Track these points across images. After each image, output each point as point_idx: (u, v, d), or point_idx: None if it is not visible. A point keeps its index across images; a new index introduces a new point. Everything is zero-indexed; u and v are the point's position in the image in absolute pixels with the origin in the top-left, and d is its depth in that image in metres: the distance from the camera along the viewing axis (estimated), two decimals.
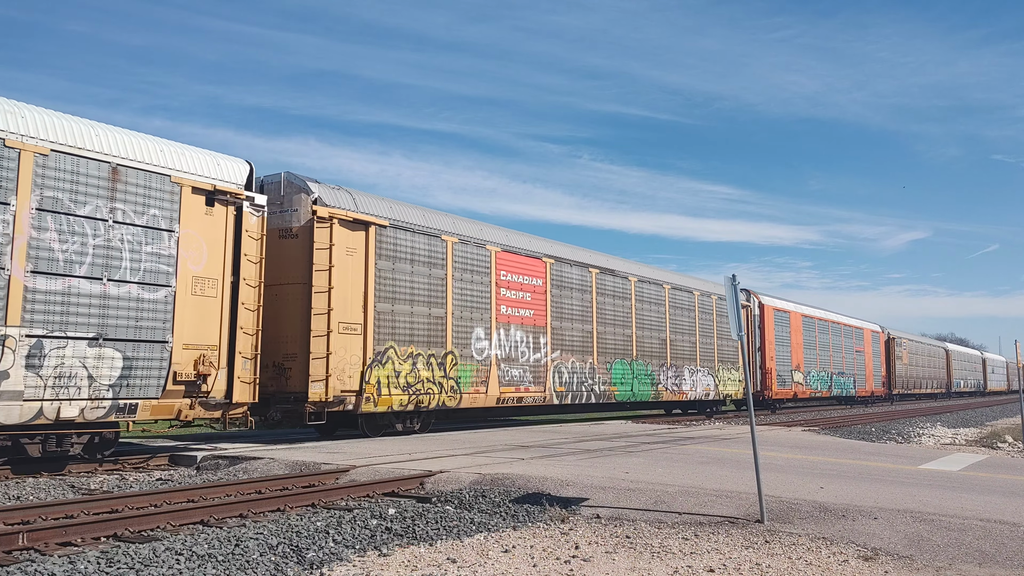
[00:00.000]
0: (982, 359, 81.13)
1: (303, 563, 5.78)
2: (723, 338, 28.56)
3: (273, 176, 14.55)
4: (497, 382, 17.43)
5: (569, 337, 20.02)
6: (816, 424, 22.98)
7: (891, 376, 47.86)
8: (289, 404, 13.55)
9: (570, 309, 20.20)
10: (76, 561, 5.61)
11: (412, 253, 15.74)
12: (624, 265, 23.25)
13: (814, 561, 6.07)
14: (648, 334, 23.56)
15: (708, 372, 26.87)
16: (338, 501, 8.40)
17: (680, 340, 25.36)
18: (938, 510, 7.44)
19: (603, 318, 21.46)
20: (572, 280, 20.44)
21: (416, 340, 15.52)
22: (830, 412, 32.89)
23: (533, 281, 19.00)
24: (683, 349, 25.48)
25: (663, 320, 24.53)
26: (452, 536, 6.82)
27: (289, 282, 14.00)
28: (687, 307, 26.11)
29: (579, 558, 6.11)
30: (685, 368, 25.44)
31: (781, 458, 12.29)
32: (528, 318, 18.64)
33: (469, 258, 17.16)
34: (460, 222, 17.53)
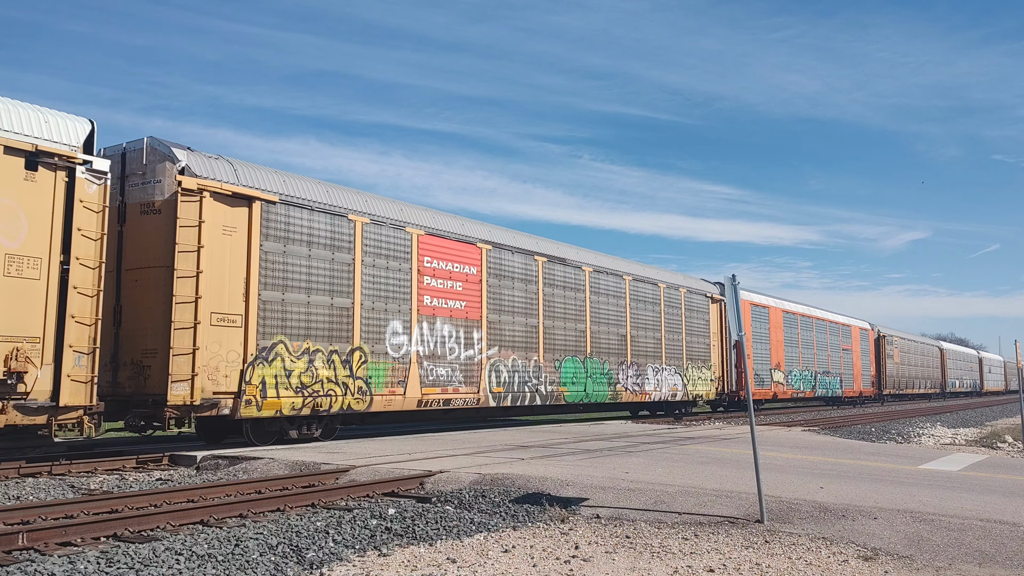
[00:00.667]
0: (978, 358, 79.75)
1: (303, 563, 5.78)
2: (693, 334, 26.54)
3: (135, 143, 12.57)
4: (419, 382, 15.51)
5: (510, 332, 18.15)
6: (816, 424, 22.99)
7: (881, 375, 46.11)
8: (147, 408, 11.77)
9: (511, 301, 18.28)
10: (76, 561, 5.61)
11: (310, 234, 13.75)
12: (577, 254, 21.32)
13: (814, 561, 6.07)
14: (605, 329, 21.69)
15: (675, 371, 24.94)
16: (338, 501, 8.40)
17: (643, 336, 23.48)
18: (938, 510, 7.44)
19: (551, 311, 19.64)
20: (514, 269, 18.55)
21: (314, 334, 13.57)
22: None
23: (465, 269, 17.08)
24: (646, 346, 23.54)
25: (623, 314, 22.58)
26: (452, 536, 6.82)
27: (151, 265, 12.12)
28: (651, 300, 24.18)
29: (579, 558, 6.11)
30: (648, 367, 23.48)
31: (781, 458, 12.29)
32: (459, 311, 16.76)
33: (384, 241, 15.17)
34: (373, 200, 15.49)
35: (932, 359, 59.44)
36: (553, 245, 20.52)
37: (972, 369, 75.54)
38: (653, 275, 24.77)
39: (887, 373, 46.61)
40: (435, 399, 16.02)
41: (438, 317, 16.27)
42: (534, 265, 19.28)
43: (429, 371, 15.88)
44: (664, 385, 24.16)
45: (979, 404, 48.63)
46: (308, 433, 13.90)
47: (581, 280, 20.99)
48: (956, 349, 72.46)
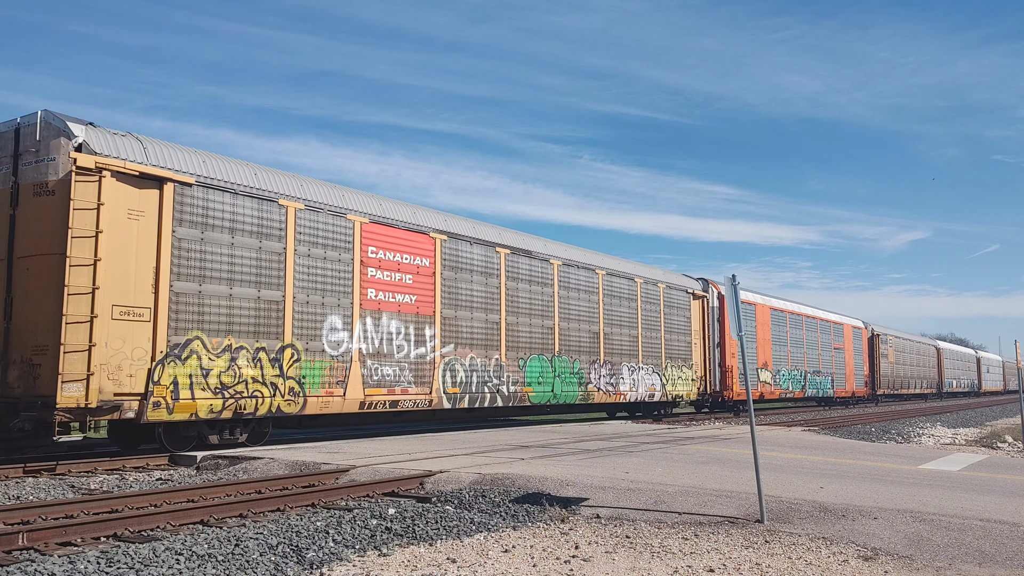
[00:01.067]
0: (976, 358, 78.08)
1: (303, 563, 5.78)
2: (673, 332, 25.16)
3: (29, 117, 11.51)
4: (361, 382, 14.26)
5: (467, 328, 16.86)
6: (816, 424, 23.00)
7: (875, 375, 44.57)
8: (36, 411, 10.59)
9: (468, 295, 17.02)
10: (76, 561, 5.61)
11: (233, 220, 12.50)
12: (545, 246, 19.98)
13: (814, 561, 6.07)
14: (576, 326, 20.42)
15: (653, 370, 23.59)
16: (338, 501, 8.40)
17: (617, 334, 22.13)
18: (938, 510, 7.44)
19: (515, 307, 18.29)
20: (473, 261, 17.26)
21: (237, 330, 12.32)
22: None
23: (417, 261, 15.79)
24: (621, 344, 22.22)
25: (595, 310, 21.29)
26: (452, 536, 6.82)
27: (44, 252, 10.97)
28: (627, 296, 22.79)
29: (579, 558, 6.11)
30: (624, 366, 22.17)
31: (781, 458, 12.29)
32: (409, 305, 15.49)
33: (321, 229, 13.92)
34: (310, 185, 14.17)
35: (928, 359, 58.08)
36: (518, 237, 19.31)
37: (970, 369, 74.09)
38: (629, 269, 23.43)
39: (881, 373, 45.32)
40: (380, 400, 14.65)
41: (384, 312, 14.99)
42: (496, 257, 17.94)
43: (373, 370, 14.59)
44: (641, 385, 22.84)
45: (977, 404, 47.89)
46: (231, 438, 12.66)
47: (549, 274, 19.68)
48: (953, 348, 70.86)
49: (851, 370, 40.95)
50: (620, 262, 23.40)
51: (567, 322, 20.22)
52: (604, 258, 22.59)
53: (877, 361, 44.88)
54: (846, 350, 40.41)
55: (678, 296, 25.77)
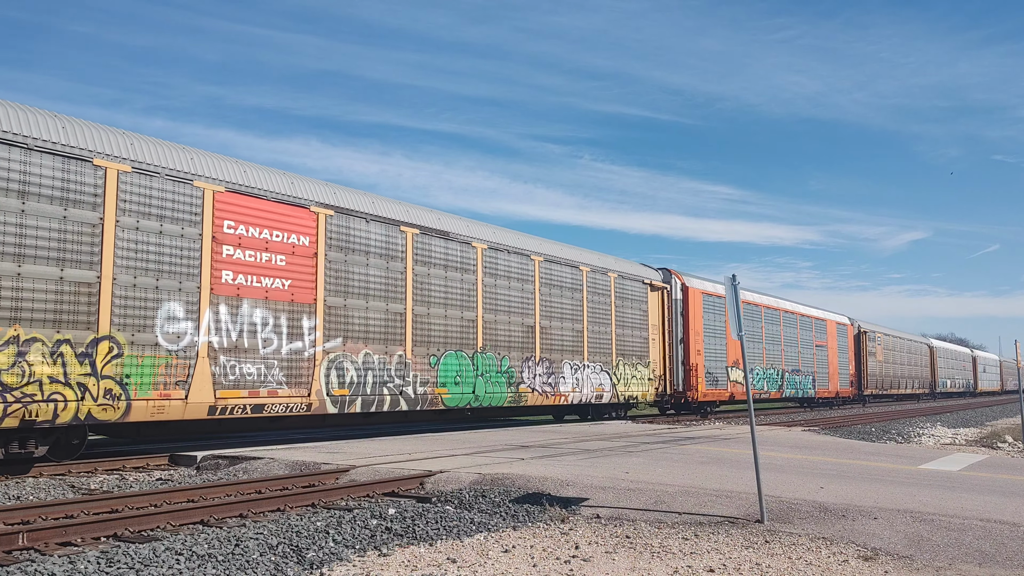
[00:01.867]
0: (972, 357, 75.20)
1: (303, 563, 5.78)
2: (626, 327, 22.64)
3: None
4: (211, 383, 11.93)
5: (361, 320, 14.50)
6: (816, 424, 23.00)
7: (862, 374, 42.13)
8: None
9: (363, 281, 14.65)
10: (76, 561, 5.61)
11: (23, 182, 10.23)
12: (467, 227, 17.63)
13: (814, 561, 6.07)
14: (505, 319, 18.06)
15: (602, 368, 21.26)
16: (338, 501, 8.40)
17: (558, 328, 19.81)
18: (938, 510, 7.44)
19: (426, 296, 15.97)
20: (369, 241, 14.91)
21: (27, 318, 10.03)
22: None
23: (293, 239, 13.44)
24: (562, 339, 19.92)
25: (530, 301, 18.93)
26: (452, 536, 6.82)
27: None
28: (571, 286, 20.46)
29: (579, 558, 6.11)
30: (565, 363, 19.91)
31: (781, 458, 12.29)
32: (280, 291, 13.11)
33: (157, 197, 11.65)
34: (144, 144, 11.76)
35: (921, 357, 55.73)
36: (431, 215, 16.86)
37: (965, 368, 71.39)
38: (574, 256, 21.01)
39: (869, 372, 42.86)
40: (238, 405, 12.29)
41: (246, 299, 12.63)
42: (400, 238, 15.57)
43: (229, 369, 12.28)
44: (586, 385, 20.56)
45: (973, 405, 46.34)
46: (25, 452, 10.35)
47: (471, 259, 17.27)
48: (947, 347, 67.98)
49: (835, 369, 38.58)
50: (563, 248, 20.95)
51: (494, 314, 17.75)
52: (542, 243, 20.16)
53: (864, 359, 42.56)
54: (829, 348, 38.03)
55: (633, 287, 23.33)
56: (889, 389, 46.67)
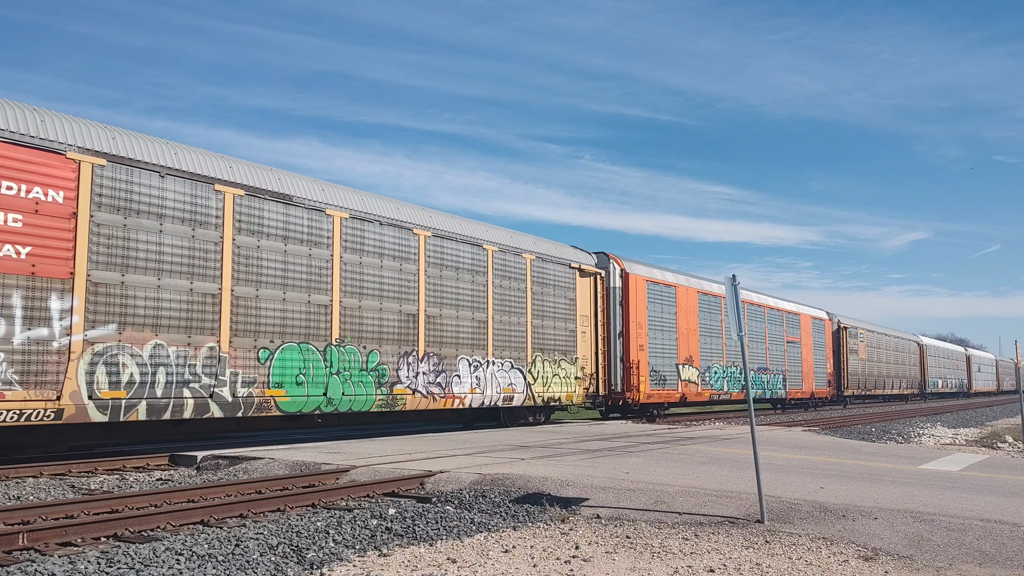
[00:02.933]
0: (966, 356, 71.80)
1: (303, 563, 5.78)
2: (547, 317, 19.63)
3: None
4: None
5: (151, 302, 11.53)
6: (816, 424, 23.00)
7: (841, 373, 39.11)
8: None
9: (155, 254, 11.65)
10: (76, 561, 5.61)
11: None
12: (322, 191, 14.36)
13: (814, 561, 6.07)
14: (375, 305, 14.93)
15: (512, 365, 18.31)
16: (338, 501, 8.40)
17: (451, 317, 16.74)
18: (938, 510, 7.44)
19: (253, 273, 12.82)
20: (165, 203, 11.85)
21: None
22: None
23: (35, 194, 10.43)
24: (457, 330, 16.88)
25: (411, 284, 15.81)
26: (452, 536, 6.82)
27: None
28: (470, 268, 17.38)
29: (579, 558, 6.11)
30: (461, 360, 16.86)
31: (781, 458, 12.29)
32: (14, 261, 10.12)
33: None
34: None
35: (909, 355, 52.36)
36: (268, 174, 13.57)
37: (958, 368, 67.93)
38: (476, 232, 17.91)
39: (849, 370, 39.74)
40: None
41: None
42: (214, 200, 12.43)
43: None
44: (491, 385, 17.59)
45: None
46: None
47: (324, 230, 14.12)
48: (938, 345, 64.02)
49: (809, 367, 35.25)
50: (460, 222, 17.78)
51: (357, 298, 14.61)
52: (431, 215, 16.99)
53: (844, 357, 39.49)
54: (803, 344, 34.73)
55: (557, 272, 20.23)
56: (873, 389, 43.86)
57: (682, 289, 26.03)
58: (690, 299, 26.38)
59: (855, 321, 42.71)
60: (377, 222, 15.30)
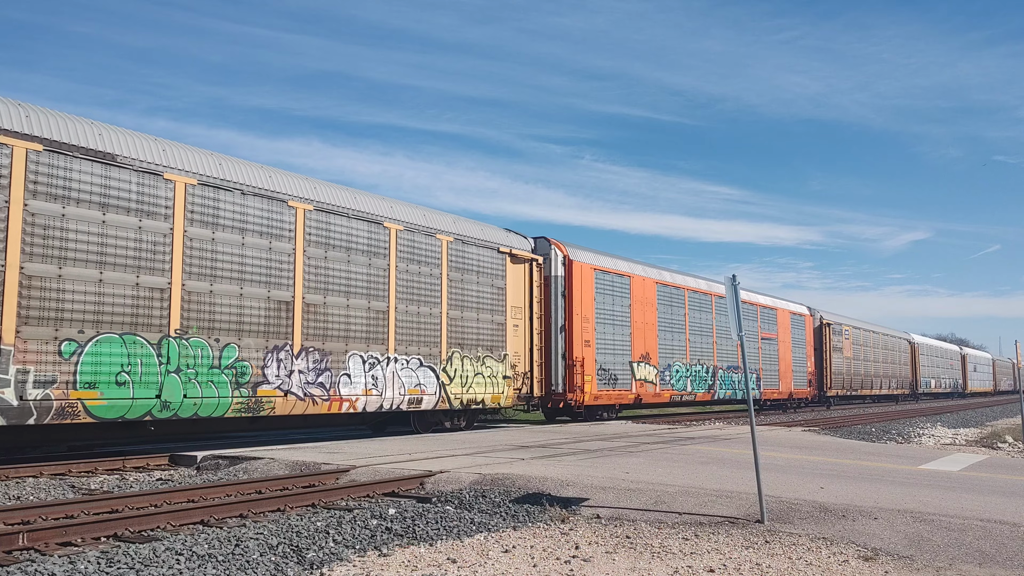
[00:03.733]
0: (961, 355, 69.66)
1: (303, 563, 5.78)
2: (468, 307, 17.26)
3: None
4: None
5: None
6: (816, 424, 23.01)
7: (824, 373, 36.96)
8: None
9: None
10: (76, 561, 5.61)
11: None
12: (160, 152, 12.01)
13: (814, 561, 6.07)
14: (231, 289, 12.58)
15: (422, 363, 15.98)
16: (338, 501, 8.40)
17: (339, 305, 14.37)
18: (938, 510, 7.44)
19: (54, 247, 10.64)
20: None
21: None
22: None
23: None
24: (347, 321, 14.49)
25: (285, 266, 13.49)
26: (452, 536, 6.83)
27: None
28: (365, 248, 15.05)
29: (579, 558, 6.11)
30: (353, 356, 14.50)
31: (781, 458, 12.29)
32: None
33: None
34: None
35: (899, 354, 50.05)
36: (86, 128, 11.31)
37: (952, 367, 65.53)
38: (375, 209, 15.45)
39: (833, 370, 37.59)
40: None
41: None
42: None
43: None
44: (392, 385, 15.22)
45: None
46: None
47: (162, 199, 11.83)
48: (931, 343, 61.30)
49: (787, 366, 32.83)
50: (354, 195, 15.28)
51: (208, 281, 12.33)
52: (315, 186, 14.47)
53: (828, 355, 37.30)
54: (781, 341, 32.37)
55: (482, 256, 17.90)
56: (859, 389, 41.60)
57: (638, 279, 23.69)
58: (647, 290, 24.01)
59: (840, 317, 40.63)
60: (238, 191, 12.90)
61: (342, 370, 14.36)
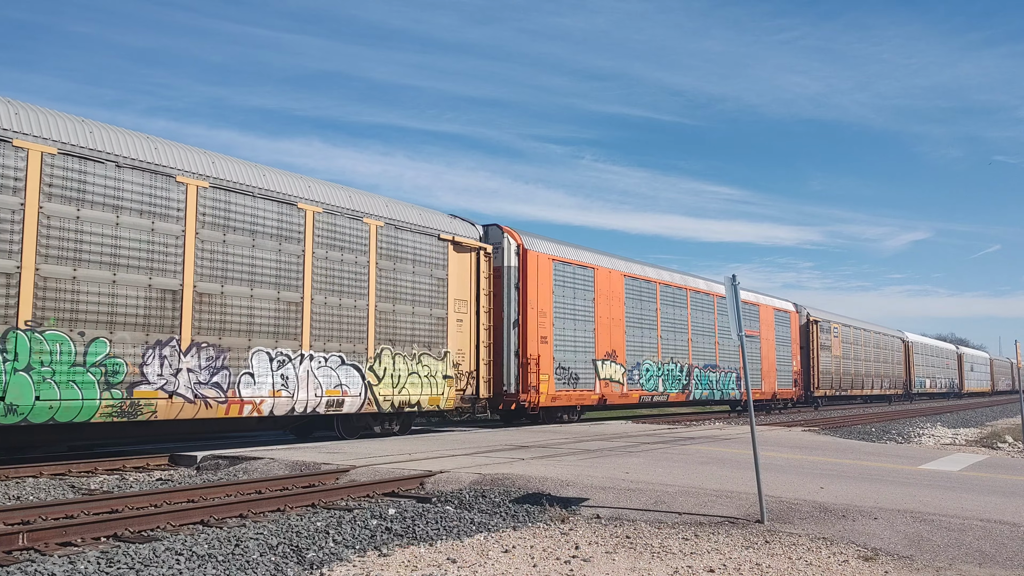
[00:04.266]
0: (957, 354, 67.83)
1: (303, 563, 5.78)
2: (403, 300, 15.61)
3: None
4: None
5: None
6: (816, 424, 23.01)
7: (811, 372, 35.40)
8: None
9: None
10: (76, 561, 5.61)
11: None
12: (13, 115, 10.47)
13: (814, 561, 6.07)
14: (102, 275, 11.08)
15: (344, 361, 14.28)
16: (338, 501, 8.40)
17: (240, 295, 12.68)
18: (938, 510, 7.44)
19: None
20: None
21: None
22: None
23: None
24: (251, 313, 12.82)
25: (173, 250, 11.85)
26: (452, 536, 6.83)
27: None
28: (276, 232, 13.34)
29: (579, 558, 6.11)
30: (257, 352, 12.85)
31: (781, 458, 12.29)
32: None
33: None
34: None
35: (893, 353, 48.52)
36: None
37: (948, 366, 63.85)
38: (287, 188, 13.74)
39: (820, 369, 36.04)
40: None
41: None
42: None
43: None
44: (306, 386, 13.54)
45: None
46: None
47: (11, 169, 10.29)
48: (926, 342, 59.38)
49: (771, 365, 31.03)
50: (262, 172, 13.54)
51: (70, 266, 10.79)
52: (213, 160, 12.75)
53: (815, 354, 35.77)
54: (764, 339, 30.73)
55: (419, 244, 16.21)
56: (849, 389, 39.99)
57: (603, 271, 21.85)
58: (614, 284, 22.24)
59: (828, 314, 39.05)
60: (112, 163, 11.32)
61: (244, 369, 12.72)
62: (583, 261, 21.21)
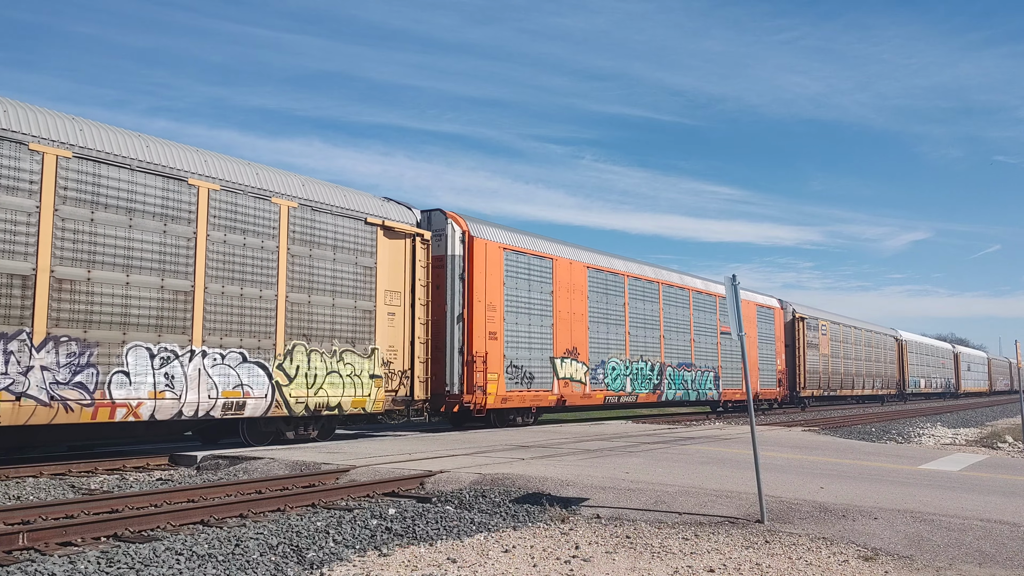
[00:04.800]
0: (953, 353, 66.36)
1: (303, 563, 5.78)
2: (322, 290, 14.08)
3: None
4: None
5: None
6: (816, 424, 23.03)
7: (796, 371, 34.00)
8: None
9: None
10: (76, 561, 5.61)
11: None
12: None
13: (814, 561, 6.07)
14: None
15: (247, 358, 12.73)
16: (338, 501, 8.40)
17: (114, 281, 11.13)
18: (938, 510, 7.44)
19: None
20: None
21: None
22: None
23: None
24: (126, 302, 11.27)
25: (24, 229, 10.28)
26: (452, 536, 6.83)
27: None
28: (161, 212, 11.82)
29: (579, 558, 6.11)
30: (133, 347, 11.26)
31: (781, 458, 12.29)
32: None
33: None
34: None
35: (885, 352, 47.05)
36: None
37: (944, 366, 62.29)
38: (176, 162, 12.20)
39: (807, 368, 34.63)
40: None
41: None
42: None
43: None
44: (197, 386, 12.01)
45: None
46: None
47: None
48: (921, 340, 57.53)
49: (753, 363, 29.88)
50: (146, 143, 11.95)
51: None
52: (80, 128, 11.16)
53: (801, 352, 34.33)
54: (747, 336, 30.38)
55: (341, 228, 14.65)
56: (839, 390, 38.71)
57: (563, 262, 20.27)
58: (576, 276, 20.69)
59: (815, 311, 37.54)
60: None
61: (116, 366, 11.06)
62: (540, 251, 19.62)
